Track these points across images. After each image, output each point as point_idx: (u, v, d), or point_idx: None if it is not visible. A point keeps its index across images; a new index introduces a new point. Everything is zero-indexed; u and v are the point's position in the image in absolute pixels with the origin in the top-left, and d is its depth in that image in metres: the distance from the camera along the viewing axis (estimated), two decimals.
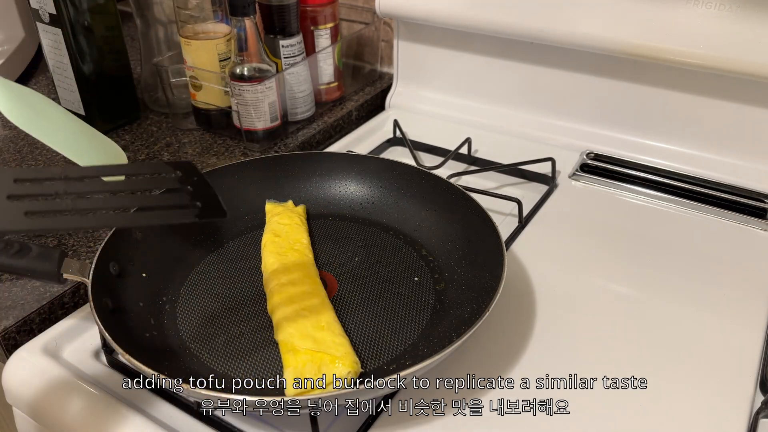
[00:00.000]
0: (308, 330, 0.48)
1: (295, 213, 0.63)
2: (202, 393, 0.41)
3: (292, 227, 0.61)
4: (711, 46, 0.66)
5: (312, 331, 0.48)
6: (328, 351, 0.46)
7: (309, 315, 0.50)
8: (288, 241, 0.59)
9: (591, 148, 0.79)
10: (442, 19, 0.81)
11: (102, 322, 0.46)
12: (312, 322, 0.49)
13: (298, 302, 0.51)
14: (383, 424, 0.47)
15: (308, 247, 0.60)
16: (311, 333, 0.48)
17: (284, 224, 0.61)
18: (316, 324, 0.49)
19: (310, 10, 0.84)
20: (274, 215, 0.63)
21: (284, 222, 0.62)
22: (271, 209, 0.64)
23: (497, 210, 0.69)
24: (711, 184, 0.72)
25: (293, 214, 0.63)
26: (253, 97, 0.77)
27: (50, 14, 0.76)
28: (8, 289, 0.58)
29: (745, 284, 0.59)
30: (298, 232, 0.61)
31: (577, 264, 0.62)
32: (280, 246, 0.58)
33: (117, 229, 0.55)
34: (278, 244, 0.59)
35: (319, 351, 0.46)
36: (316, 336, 0.48)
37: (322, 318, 0.50)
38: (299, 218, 0.63)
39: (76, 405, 0.49)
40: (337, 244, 0.62)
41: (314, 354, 0.46)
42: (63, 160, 0.79)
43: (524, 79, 0.82)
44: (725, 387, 0.49)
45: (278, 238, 0.59)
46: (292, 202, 0.65)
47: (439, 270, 0.58)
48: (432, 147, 0.82)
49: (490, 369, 0.51)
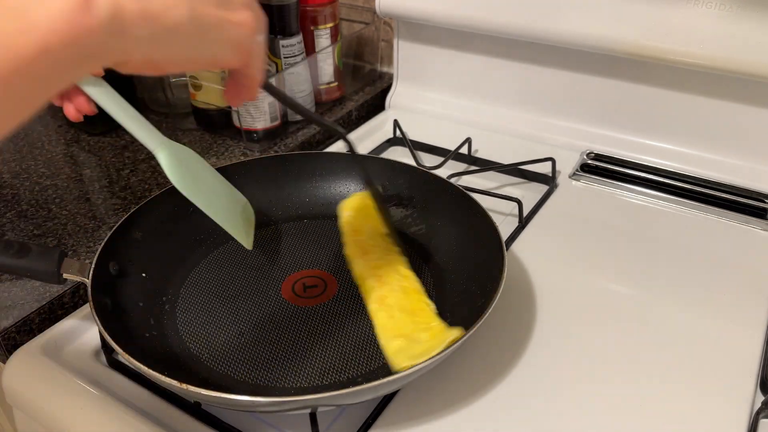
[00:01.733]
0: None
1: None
2: (202, 393, 0.41)
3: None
4: (711, 46, 0.66)
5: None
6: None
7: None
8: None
9: (591, 148, 0.79)
10: (442, 19, 0.81)
11: (102, 322, 0.46)
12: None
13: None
14: (383, 424, 0.47)
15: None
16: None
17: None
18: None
19: (310, 10, 0.84)
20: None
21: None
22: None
23: (497, 210, 0.69)
24: (711, 184, 0.72)
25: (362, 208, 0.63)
26: None
27: None
28: (8, 289, 0.58)
29: (745, 284, 0.59)
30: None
31: (577, 264, 0.62)
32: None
33: (117, 229, 0.55)
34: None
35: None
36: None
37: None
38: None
39: (76, 405, 0.49)
40: (336, 245, 0.62)
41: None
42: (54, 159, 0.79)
43: (524, 79, 0.82)
44: (725, 387, 0.49)
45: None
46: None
47: (439, 270, 0.58)
48: (432, 147, 0.82)
49: (490, 369, 0.51)
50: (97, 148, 0.82)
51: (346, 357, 0.50)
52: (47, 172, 0.77)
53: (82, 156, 0.80)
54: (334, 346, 0.51)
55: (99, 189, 0.73)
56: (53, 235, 0.65)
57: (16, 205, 0.70)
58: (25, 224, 0.67)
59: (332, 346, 0.51)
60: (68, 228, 0.66)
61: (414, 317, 0.50)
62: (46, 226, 0.67)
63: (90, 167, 0.78)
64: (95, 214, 0.69)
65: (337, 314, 0.54)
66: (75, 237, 0.65)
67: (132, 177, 0.75)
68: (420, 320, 0.50)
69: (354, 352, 0.50)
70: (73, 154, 0.81)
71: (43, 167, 0.78)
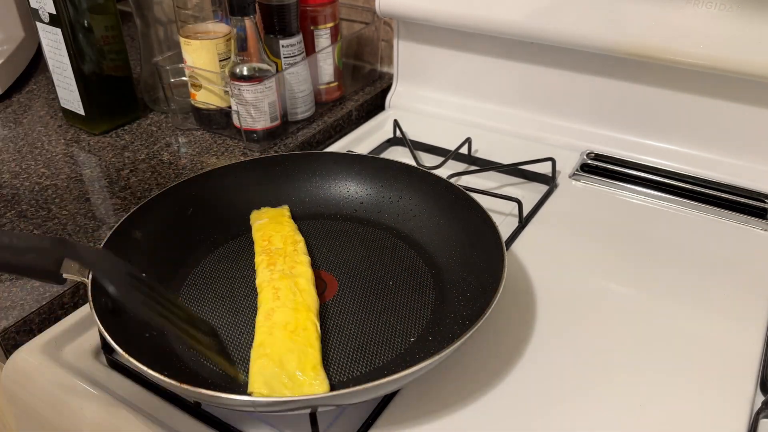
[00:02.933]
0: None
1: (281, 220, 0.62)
2: (202, 393, 0.41)
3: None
4: (711, 46, 0.66)
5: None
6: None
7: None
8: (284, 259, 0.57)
9: (591, 148, 0.79)
10: (442, 19, 0.81)
11: (102, 322, 0.46)
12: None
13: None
14: (383, 424, 0.47)
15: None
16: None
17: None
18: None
19: (310, 10, 0.84)
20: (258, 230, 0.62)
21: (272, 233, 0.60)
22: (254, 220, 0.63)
23: (497, 210, 0.69)
24: (711, 184, 0.72)
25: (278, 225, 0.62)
26: (253, 97, 0.77)
27: (50, 14, 0.76)
28: (8, 289, 0.58)
29: (745, 284, 0.59)
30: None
31: (577, 264, 0.62)
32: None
33: (116, 229, 0.55)
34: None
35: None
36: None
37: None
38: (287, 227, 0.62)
39: (76, 405, 0.49)
40: (336, 244, 0.62)
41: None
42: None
43: (524, 79, 0.82)
44: (725, 387, 0.49)
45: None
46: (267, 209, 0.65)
47: (438, 270, 0.58)
48: (432, 147, 0.82)
49: (491, 369, 0.51)
50: (97, 148, 0.82)
51: (346, 357, 0.50)
52: (47, 172, 0.77)
53: (82, 156, 0.80)
54: (334, 346, 0.51)
55: (99, 189, 0.73)
56: (53, 235, 0.65)
57: (16, 205, 0.70)
58: (25, 224, 0.67)
59: (332, 346, 0.51)
60: (68, 228, 0.66)
61: (293, 336, 0.48)
62: (46, 226, 0.67)
63: (90, 167, 0.78)
64: (95, 214, 0.69)
65: (337, 314, 0.54)
66: (75, 237, 0.65)
67: (132, 177, 0.75)
68: (298, 339, 0.48)
69: (354, 352, 0.50)
70: (73, 154, 0.81)
71: (43, 167, 0.78)
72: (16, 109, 0.92)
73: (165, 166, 0.77)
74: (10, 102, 0.95)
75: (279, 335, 0.48)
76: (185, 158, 0.79)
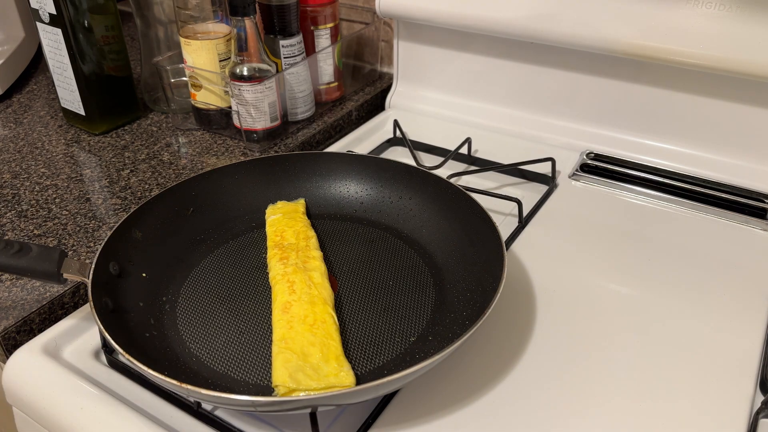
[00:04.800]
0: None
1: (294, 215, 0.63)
2: (202, 393, 0.41)
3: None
4: (711, 46, 0.66)
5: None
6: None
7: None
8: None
9: (591, 148, 0.79)
10: (442, 19, 0.81)
11: (102, 322, 0.46)
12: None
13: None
14: (383, 424, 0.47)
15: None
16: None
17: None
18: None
19: (310, 10, 0.84)
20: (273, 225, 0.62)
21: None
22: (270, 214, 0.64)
23: (497, 210, 0.69)
24: (711, 184, 0.72)
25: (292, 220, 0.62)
26: (253, 97, 0.77)
27: (50, 14, 0.76)
28: (8, 289, 0.58)
29: (745, 284, 0.59)
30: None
31: (577, 264, 0.62)
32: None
33: (117, 229, 0.55)
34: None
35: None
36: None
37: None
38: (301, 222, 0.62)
39: (76, 405, 0.49)
40: (337, 244, 0.62)
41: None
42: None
43: (524, 79, 0.82)
44: (725, 387, 0.49)
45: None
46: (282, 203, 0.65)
47: (438, 270, 0.58)
48: (432, 147, 0.82)
49: (491, 369, 0.51)
50: (97, 148, 0.82)
51: (346, 357, 0.49)
52: (47, 172, 0.77)
53: (82, 156, 0.80)
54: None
55: (99, 189, 0.73)
56: (53, 235, 0.65)
57: (16, 205, 0.70)
58: (25, 224, 0.67)
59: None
60: (68, 228, 0.66)
61: (313, 329, 0.49)
62: (46, 226, 0.67)
63: (90, 167, 0.78)
64: (95, 214, 0.69)
65: (336, 314, 0.54)
66: (75, 237, 0.65)
67: (132, 177, 0.75)
68: (318, 332, 0.48)
69: (354, 352, 0.50)
70: (73, 154, 0.81)
71: (43, 167, 0.78)
72: (17, 109, 0.93)
73: (165, 166, 0.77)
74: (11, 102, 0.95)
75: (299, 329, 0.49)
76: (185, 158, 0.79)
